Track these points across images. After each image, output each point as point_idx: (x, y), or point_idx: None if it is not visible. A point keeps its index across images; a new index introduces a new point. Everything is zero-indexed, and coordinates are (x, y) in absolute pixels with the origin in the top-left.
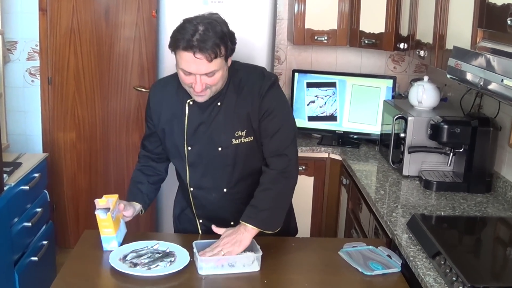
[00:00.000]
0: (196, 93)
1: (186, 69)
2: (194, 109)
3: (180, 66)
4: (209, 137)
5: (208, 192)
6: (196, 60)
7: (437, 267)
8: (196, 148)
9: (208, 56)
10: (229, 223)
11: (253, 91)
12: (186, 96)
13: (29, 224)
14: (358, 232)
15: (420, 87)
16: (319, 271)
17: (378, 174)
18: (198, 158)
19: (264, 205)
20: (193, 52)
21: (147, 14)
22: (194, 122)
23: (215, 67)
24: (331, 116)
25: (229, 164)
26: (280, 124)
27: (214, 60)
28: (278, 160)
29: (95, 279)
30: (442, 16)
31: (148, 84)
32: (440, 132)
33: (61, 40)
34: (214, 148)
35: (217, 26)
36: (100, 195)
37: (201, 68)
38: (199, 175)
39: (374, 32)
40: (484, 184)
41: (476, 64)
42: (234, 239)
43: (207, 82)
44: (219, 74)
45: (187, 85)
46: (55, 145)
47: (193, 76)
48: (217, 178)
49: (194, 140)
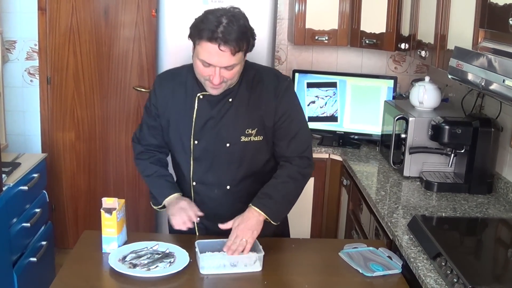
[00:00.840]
0: (212, 85)
1: (207, 60)
2: (204, 104)
3: (200, 57)
4: (218, 132)
5: (211, 188)
6: (220, 52)
7: (438, 268)
8: (202, 143)
9: (233, 49)
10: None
11: (268, 91)
12: (196, 90)
13: (28, 224)
14: (359, 233)
15: (421, 87)
16: (320, 272)
17: (378, 175)
18: (204, 152)
19: (278, 196)
20: (218, 44)
21: (147, 14)
22: (203, 116)
23: (236, 61)
24: (332, 116)
25: (235, 161)
26: (298, 127)
27: (237, 54)
28: (300, 161)
29: (94, 280)
30: (443, 16)
31: (148, 84)
32: (441, 132)
33: (60, 40)
34: (222, 144)
35: (240, 19)
36: (100, 195)
37: (223, 61)
38: (203, 170)
39: (375, 32)
40: (485, 185)
41: (478, 65)
42: (248, 227)
43: (225, 76)
44: (237, 69)
45: (203, 77)
46: (54, 145)
47: (212, 68)
48: (222, 175)
49: (202, 135)
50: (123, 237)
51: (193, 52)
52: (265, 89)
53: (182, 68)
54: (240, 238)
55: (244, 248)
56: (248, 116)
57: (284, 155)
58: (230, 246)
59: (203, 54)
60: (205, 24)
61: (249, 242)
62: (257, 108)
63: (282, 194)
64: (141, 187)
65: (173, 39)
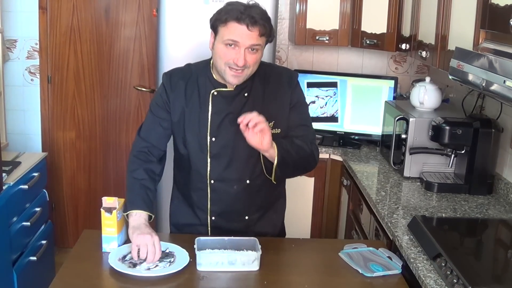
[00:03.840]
0: (234, 71)
1: (234, 38)
2: (219, 100)
3: (226, 37)
4: (238, 128)
5: (230, 184)
6: (248, 32)
7: (438, 269)
8: (221, 139)
9: (261, 29)
10: (244, 217)
11: (282, 82)
12: (209, 87)
13: (28, 223)
14: (359, 233)
15: (422, 88)
16: (319, 273)
17: (379, 175)
18: (222, 149)
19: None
20: (246, 25)
21: (148, 13)
22: (220, 113)
23: (261, 42)
24: (332, 117)
25: (254, 155)
26: (305, 118)
27: (262, 36)
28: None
29: (94, 279)
30: (444, 17)
31: (149, 84)
32: (442, 133)
33: (61, 39)
34: (242, 138)
35: (262, 8)
36: (100, 194)
37: (250, 40)
38: (222, 166)
39: (375, 32)
40: (485, 186)
41: (478, 65)
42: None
43: (247, 60)
44: (259, 55)
45: (226, 62)
46: (55, 144)
47: (238, 50)
48: (241, 170)
49: (219, 131)
50: (123, 237)
51: (214, 40)
52: (279, 80)
53: (188, 67)
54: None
55: (256, 124)
56: (265, 109)
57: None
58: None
59: (230, 34)
60: (231, 7)
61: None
62: (273, 99)
63: (297, 150)
64: None
65: (173, 38)
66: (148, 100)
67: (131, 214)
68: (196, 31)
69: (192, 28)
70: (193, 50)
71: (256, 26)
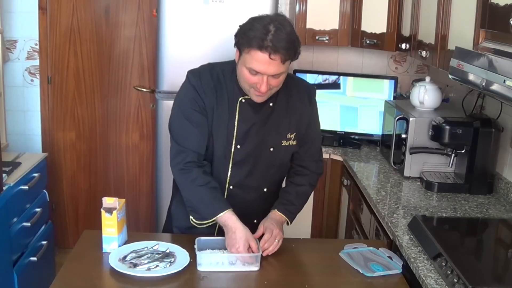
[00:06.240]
0: (259, 93)
1: (256, 68)
2: (246, 108)
3: (248, 65)
4: (263, 137)
5: (248, 191)
6: (270, 61)
7: (438, 268)
8: (246, 148)
9: (283, 57)
10: (253, 221)
11: (303, 97)
12: (237, 93)
13: (28, 224)
14: (359, 233)
15: (422, 87)
16: (320, 272)
17: (379, 175)
18: (246, 157)
19: (300, 204)
20: (268, 53)
21: (148, 14)
22: (247, 121)
23: (284, 69)
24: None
25: (275, 165)
26: (318, 131)
27: (286, 62)
28: (316, 165)
29: (94, 280)
30: (444, 17)
31: (148, 84)
32: (442, 133)
33: (61, 39)
34: (266, 148)
35: (287, 27)
36: (100, 195)
37: (272, 69)
38: (243, 174)
39: (375, 32)
40: (485, 186)
41: (478, 65)
42: (279, 228)
43: (271, 83)
44: (284, 76)
45: (249, 84)
46: (55, 145)
47: (260, 77)
48: (261, 178)
49: (245, 139)
50: (123, 237)
51: (239, 59)
52: (301, 94)
53: (213, 66)
54: (274, 237)
55: None
56: (288, 120)
57: (303, 159)
58: (265, 244)
59: (252, 63)
60: (254, 32)
61: (280, 243)
62: (294, 112)
63: (303, 201)
64: (141, 187)
65: (173, 39)
66: (148, 100)
67: (220, 217)
68: (196, 31)
69: (192, 28)
70: (193, 50)
71: (277, 54)
